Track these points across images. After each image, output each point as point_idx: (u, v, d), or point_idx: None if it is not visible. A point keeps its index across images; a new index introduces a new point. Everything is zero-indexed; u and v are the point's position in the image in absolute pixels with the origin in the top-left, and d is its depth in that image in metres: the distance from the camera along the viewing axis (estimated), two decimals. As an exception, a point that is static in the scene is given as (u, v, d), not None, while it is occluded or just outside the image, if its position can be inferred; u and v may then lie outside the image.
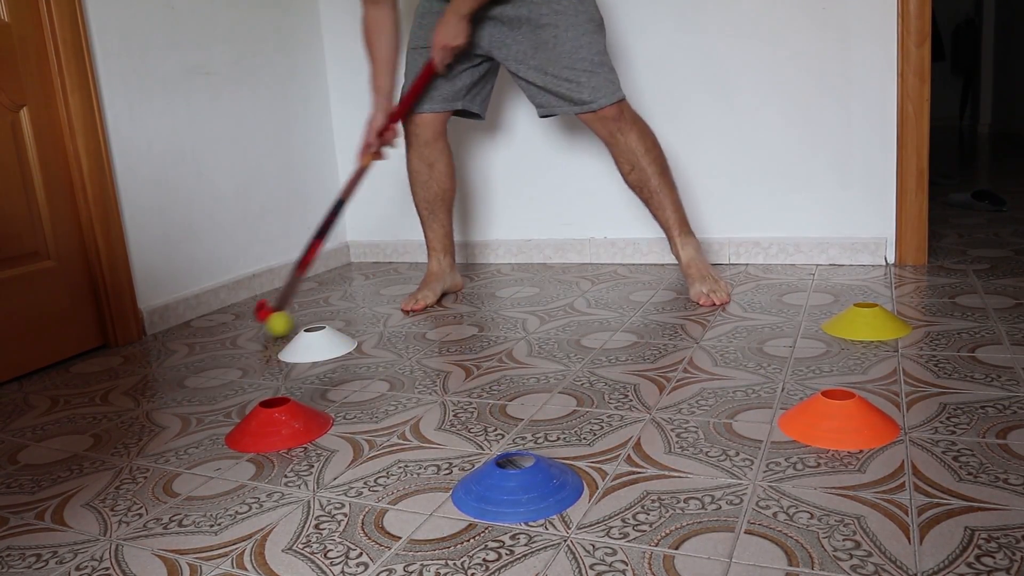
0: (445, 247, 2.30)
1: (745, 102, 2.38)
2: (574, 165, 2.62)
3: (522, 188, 2.71)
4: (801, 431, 1.24)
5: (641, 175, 2.06)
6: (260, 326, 2.17)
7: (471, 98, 2.18)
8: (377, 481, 1.21)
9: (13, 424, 1.59)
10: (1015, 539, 0.93)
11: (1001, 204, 3.03)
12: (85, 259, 2.05)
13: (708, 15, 2.37)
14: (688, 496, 1.09)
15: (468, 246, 2.82)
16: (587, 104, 1.99)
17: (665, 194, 2.08)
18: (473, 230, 2.82)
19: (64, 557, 1.07)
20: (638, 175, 2.06)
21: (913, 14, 2.16)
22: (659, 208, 2.09)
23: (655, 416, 1.37)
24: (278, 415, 1.39)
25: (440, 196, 2.24)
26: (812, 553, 0.94)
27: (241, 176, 2.53)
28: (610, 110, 2.00)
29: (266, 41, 2.62)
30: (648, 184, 2.07)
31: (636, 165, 2.05)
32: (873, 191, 2.31)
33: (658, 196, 2.07)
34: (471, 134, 2.73)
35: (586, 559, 0.97)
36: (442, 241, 2.29)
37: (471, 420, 1.42)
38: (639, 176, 2.06)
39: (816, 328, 1.78)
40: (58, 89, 1.96)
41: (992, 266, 2.19)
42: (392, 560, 1.00)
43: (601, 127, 2.03)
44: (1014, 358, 1.50)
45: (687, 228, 2.11)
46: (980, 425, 1.23)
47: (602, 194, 2.60)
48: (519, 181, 2.71)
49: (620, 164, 2.08)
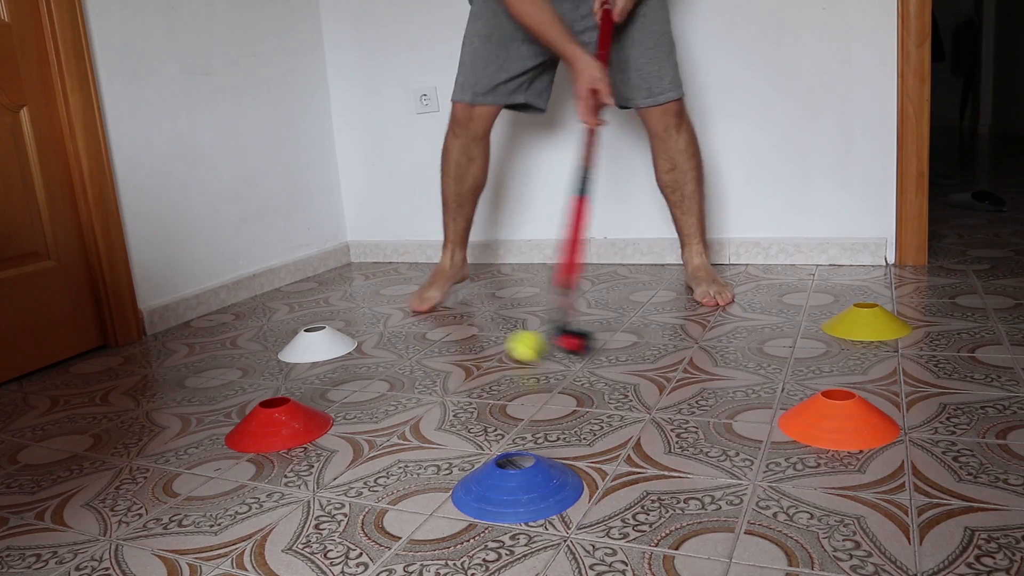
0: (462, 241, 2.24)
1: (745, 102, 2.38)
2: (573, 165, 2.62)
3: (522, 188, 2.71)
4: (801, 431, 1.24)
5: (680, 177, 2.04)
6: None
7: (536, 91, 2.06)
8: (377, 481, 1.21)
9: (13, 424, 1.59)
10: (1015, 539, 0.93)
11: (1001, 205, 3.03)
12: (85, 259, 2.05)
13: (707, 16, 2.37)
14: (688, 496, 1.09)
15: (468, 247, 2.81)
16: (664, 94, 1.91)
17: (696, 202, 2.08)
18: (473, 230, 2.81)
19: (64, 557, 1.07)
20: (676, 176, 2.04)
21: (913, 14, 2.16)
22: (686, 213, 2.09)
23: (655, 416, 1.37)
24: (278, 415, 1.39)
25: (473, 190, 2.16)
26: (812, 553, 0.94)
27: (241, 176, 2.53)
28: (677, 104, 1.96)
29: (267, 41, 2.62)
30: (684, 188, 2.06)
31: (678, 166, 2.03)
32: (873, 191, 2.31)
33: (689, 202, 2.07)
34: (471, 134, 2.73)
35: (586, 559, 0.96)
36: (462, 235, 2.23)
37: (471, 420, 1.42)
38: (677, 178, 2.05)
39: (816, 328, 1.78)
40: (58, 89, 1.96)
41: (992, 266, 2.19)
42: (392, 560, 1.00)
43: (659, 120, 1.97)
44: (1014, 358, 1.50)
45: (704, 237, 2.14)
46: (980, 425, 1.23)
47: (602, 195, 2.60)
48: (519, 181, 2.71)
49: (660, 161, 2.04)
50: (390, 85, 2.82)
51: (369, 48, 2.82)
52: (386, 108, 2.85)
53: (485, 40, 1.98)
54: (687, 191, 2.06)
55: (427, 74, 2.75)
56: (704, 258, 2.13)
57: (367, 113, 2.89)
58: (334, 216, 2.97)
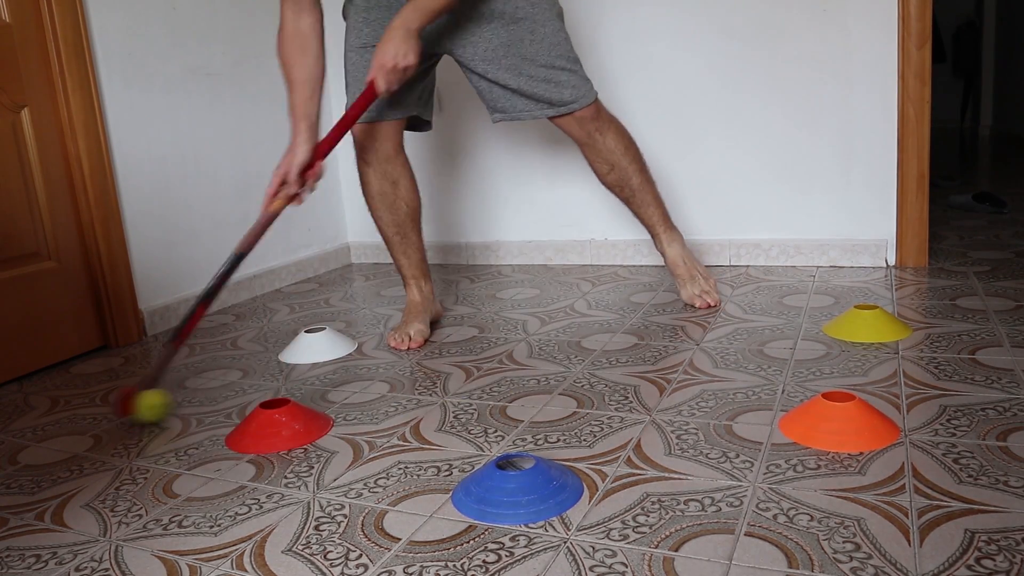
0: (424, 272, 2.01)
1: (746, 104, 2.38)
2: (574, 166, 2.61)
3: (522, 189, 2.71)
4: (801, 433, 1.24)
5: (621, 174, 1.96)
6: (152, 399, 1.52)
7: (424, 103, 1.92)
8: (377, 482, 1.21)
9: (13, 424, 1.59)
10: (1015, 541, 0.93)
11: (1002, 206, 3.03)
12: (86, 259, 2.05)
13: (708, 17, 2.37)
14: (688, 498, 1.09)
15: (468, 247, 2.82)
16: (567, 105, 1.84)
17: (646, 191, 2.00)
18: (473, 231, 2.82)
19: (64, 558, 1.07)
20: (618, 175, 1.96)
21: (914, 16, 2.16)
22: (641, 206, 2.01)
23: (655, 418, 1.37)
24: (278, 416, 1.39)
25: (410, 216, 1.95)
26: (812, 555, 0.94)
27: (242, 177, 2.53)
28: (589, 110, 1.87)
29: (267, 42, 2.62)
30: (629, 183, 1.97)
31: (616, 165, 1.95)
32: (874, 193, 2.31)
33: (640, 194, 1.99)
34: (470, 135, 2.73)
35: (586, 561, 0.96)
36: (419, 266, 2.00)
37: (471, 421, 1.42)
38: (619, 176, 1.97)
39: (817, 330, 1.78)
40: (59, 89, 1.96)
41: (993, 268, 2.19)
42: (392, 561, 1.00)
43: (578, 128, 1.90)
44: (1015, 360, 1.50)
45: (670, 224, 2.06)
46: (980, 427, 1.23)
47: (602, 195, 2.60)
48: (519, 182, 2.71)
49: (597, 165, 1.97)
50: (391, 86, 2.82)
51: (370, 49, 2.82)
52: (387, 109, 2.85)
53: (361, 51, 1.82)
54: (634, 185, 1.98)
55: (428, 75, 2.74)
56: (678, 247, 2.05)
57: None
58: (334, 217, 2.97)
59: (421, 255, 2.01)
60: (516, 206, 2.74)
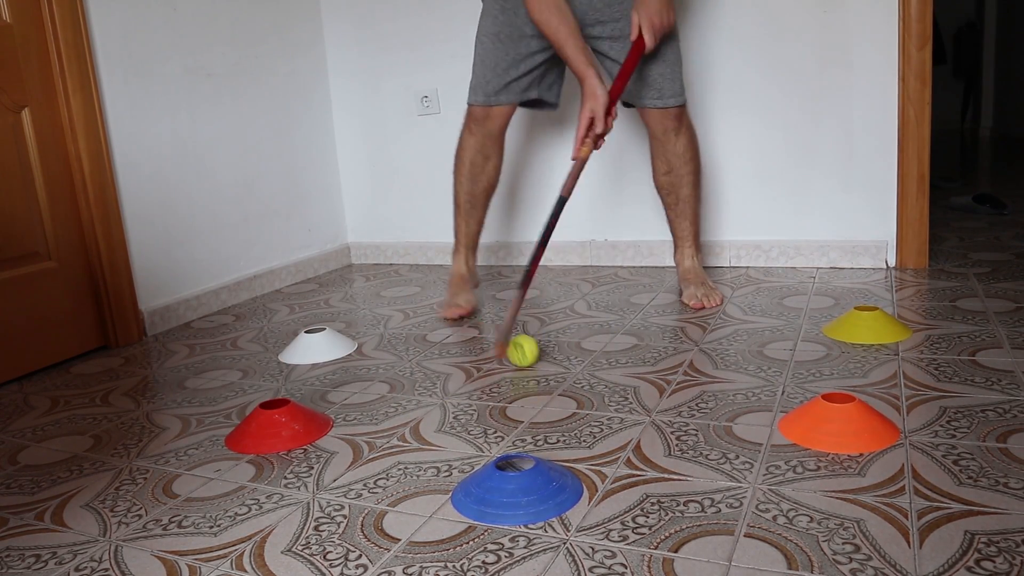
0: (474, 245, 2.20)
1: (746, 105, 2.38)
2: (575, 167, 2.62)
3: (522, 190, 2.71)
4: (801, 434, 1.24)
5: (676, 180, 2.05)
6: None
7: (546, 85, 2.05)
8: (377, 483, 1.21)
9: (13, 425, 1.59)
10: (1015, 543, 0.93)
11: (1002, 208, 3.03)
12: (86, 260, 2.05)
13: (708, 18, 2.37)
14: (688, 499, 1.09)
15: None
16: (671, 98, 1.94)
17: (690, 206, 2.09)
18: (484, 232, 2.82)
19: (63, 558, 1.07)
20: (673, 179, 2.05)
21: (914, 17, 2.16)
22: (680, 216, 2.10)
23: (655, 419, 1.37)
24: (278, 416, 1.39)
25: (485, 192, 2.13)
26: (812, 556, 0.94)
27: (242, 177, 2.53)
28: (679, 109, 1.98)
29: (268, 42, 2.62)
30: (680, 191, 2.07)
31: (674, 169, 2.04)
32: (874, 194, 2.31)
33: (684, 205, 2.08)
34: (472, 136, 2.73)
35: (585, 562, 0.96)
36: (474, 239, 2.19)
37: (471, 422, 1.42)
38: (673, 180, 2.06)
39: (817, 331, 1.78)
40: (60, 90, 1.96)
41: (993, 270, 2.19)
42: (391, 562, 1.00)
43: (661, 122, 1.99)
44: (1015, 362, 1.50)
45: (699, 242, 2.15)
46: (980, 429, 1.23)
47: (603, 196, 2.60)
48: (519, 183, 2.71)
49: (657, 163, 2.06)
50: (391, 86, 2.82)
51: (370, 49, 2.82)
52: (387, 109, 2.85)
53: (494, 39, 1.97)
54: (682, 194, 2.07)
55: (428, 76, 2.75)
56: (695, 261, 2.14)
57: (368, 114, 2.89)
58: (335, 217, 2.97)
59: (479, 228, 2.18)
60: (516, 206, 2.74)
